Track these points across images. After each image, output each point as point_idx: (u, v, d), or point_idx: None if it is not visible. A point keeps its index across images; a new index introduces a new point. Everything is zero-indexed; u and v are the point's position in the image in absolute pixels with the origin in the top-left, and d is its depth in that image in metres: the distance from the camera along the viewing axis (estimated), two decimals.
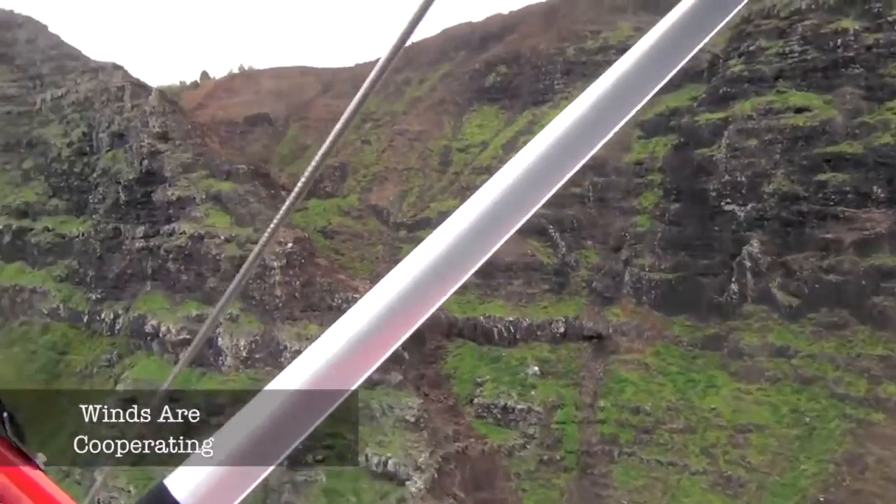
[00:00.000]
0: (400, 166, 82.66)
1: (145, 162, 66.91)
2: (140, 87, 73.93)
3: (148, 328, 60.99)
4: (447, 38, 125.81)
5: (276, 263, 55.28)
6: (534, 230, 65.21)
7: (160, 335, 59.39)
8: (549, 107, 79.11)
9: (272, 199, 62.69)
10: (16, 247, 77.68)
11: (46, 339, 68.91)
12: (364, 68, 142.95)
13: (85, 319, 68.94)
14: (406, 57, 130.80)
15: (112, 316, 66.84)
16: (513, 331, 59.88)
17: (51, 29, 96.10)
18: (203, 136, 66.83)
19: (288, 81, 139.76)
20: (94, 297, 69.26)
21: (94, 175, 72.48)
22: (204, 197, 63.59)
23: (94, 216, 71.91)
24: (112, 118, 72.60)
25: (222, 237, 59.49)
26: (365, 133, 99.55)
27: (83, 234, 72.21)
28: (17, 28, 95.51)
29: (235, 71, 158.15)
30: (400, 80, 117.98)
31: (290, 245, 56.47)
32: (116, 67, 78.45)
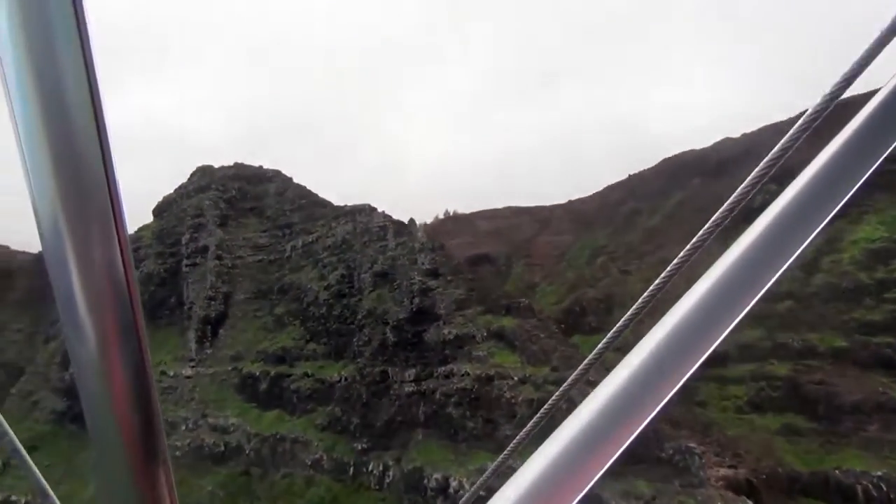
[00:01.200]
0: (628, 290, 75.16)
1: (416, 300, 64.19)
2: (402, 226, 73.18)
3: (431, 483, 55.30)
4: (671, 166, 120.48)
5: None
6: (878, 362, 54.55)
7: (449, 491, 53.36)
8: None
9: (563, 334, 56.92)
10: (273, 394, 76.74)
11: (311, 492, 65.18)
12: (579, 204, 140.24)
13: (350, 472, 64.78)
14: (625, 188, 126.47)
15: (381, 468, 62.19)
16: (884, 489, 48.17)
17: (296, 180, 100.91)
18: (475, 270, 63.36)
19: (502, 221, 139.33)
20: (359, 446, 65.33)
21: (358, 317, 70.83)
22: (485, 334, 59.07)
23: (357, 360, 69.54)
24: (375, 258, 71.77)
25: (515, 378, 53.90)
26: (597, 268, 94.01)
27: (345, 379, 69.76)
28: (268, 182, 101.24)
29: (441, 216, 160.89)
30: (627, 211, 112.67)
31: None
32: (372, 209, 78.88)
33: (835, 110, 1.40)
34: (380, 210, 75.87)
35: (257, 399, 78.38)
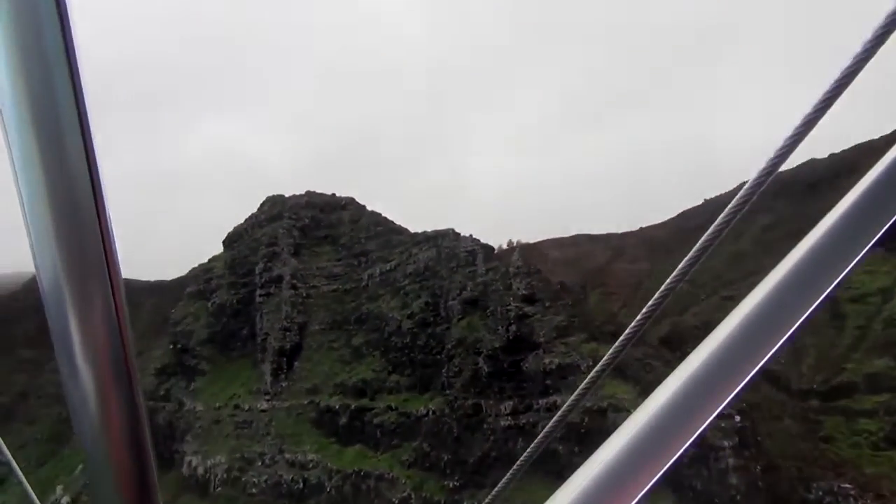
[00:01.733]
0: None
1: (512, 327, 60.36)
2: (490, 250, 69.77)
3: None
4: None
5: (725, 442, 43.64)
6: None
7: None
8: None
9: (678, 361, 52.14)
10: (354, 428, 73.29)
11: None
12: (652, 231, 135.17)
13: None
14: (702, 213, 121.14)
15: None
16: None
17: (370, 207, 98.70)
18: (576, 295, 59.41)
19: (573, 249, 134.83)
20: (450, 484, 61.24)
21: (447, 346, 67.24)
22: (591, 363, 54.72)
23: (446, 392, 65.76)
24: (463, 284, 68.37)
25: (632, 409, 49.25)
26: (685, 295, 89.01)
27: (433, 413, 65.95)
28: (341, 210, 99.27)
29: (505, 245, 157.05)
30: None
31: (737, 419, 44.90)
32: (456, 234, 75.75)
33: None
34: (467, 235, 72.61)
35: (336, 434, 75.06)
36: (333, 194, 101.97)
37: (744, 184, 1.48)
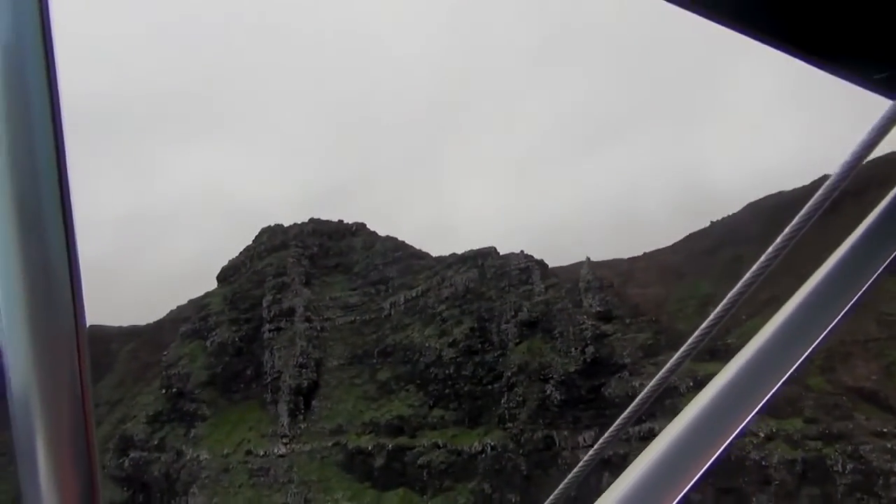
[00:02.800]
0: (858, 337, 65.52)
1: (589, 349, 54.49)
2: (545, 267, 64.17)
3: None
4: (761, 210, 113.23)
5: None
6: None
7: None
8: None
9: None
10: (393, 470, 65.86)
11: None
12: (659, 255, 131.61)
13: None
14: (711, 236, 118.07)
15: None
16: None
17: (381, 233, 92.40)
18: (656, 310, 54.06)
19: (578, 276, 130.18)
20: None
21: (505, 374, 60.84)
22: (691, 384, 49.20)
23: (505, 425, 59.17)
24: (518, 305, 62.34)
25: (761, 434, 43.77)
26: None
27: (492, 448, 59.15)
28: (352, 236, 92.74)
29: None
30: (726, 258, 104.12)
31: None
32: (498, 252, 70.07)
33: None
34: (518, 251, 66.82)
35: (371, 477, 67.46)
36: (340, 220, 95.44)
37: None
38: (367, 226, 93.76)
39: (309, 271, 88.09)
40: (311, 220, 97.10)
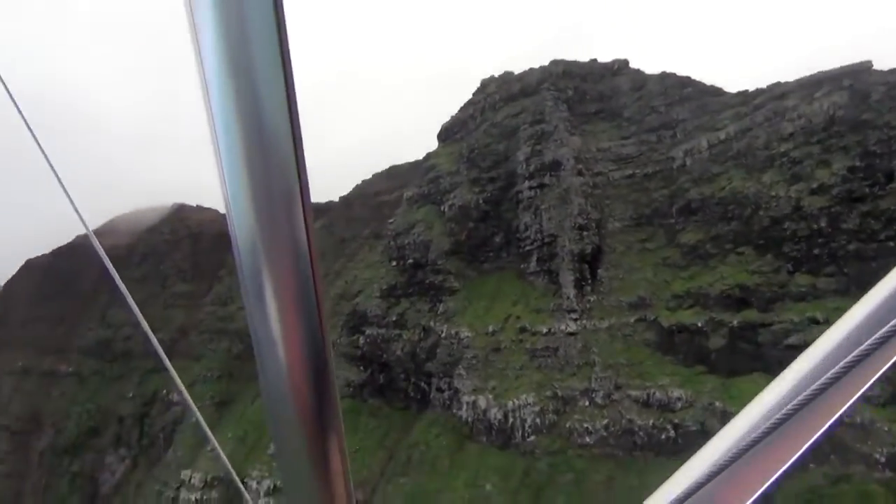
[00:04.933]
0: None
1: None
2: None
3: None
4: None
5: None
6: None
7: None
8: None
9: None
10: (742, 352, 51.83)
11: None
12: None
13: None
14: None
15: None
16: None
17: (649, 70, 75.22)
18: None
19: None
20: None
21: None
22: None
23: None
24: None
25: None
26: None
27: None
28: (612, 76, 76.21)
29: None
30: None
31: None
32: (870, 66, 51.86)
33: None
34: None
35: (705, 360, 53.79)
36: (594, 60, 78.73)
37: None
38: (629, 63, 76.72)
39: (567, 119, 72.98)
40: (555, 61, 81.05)
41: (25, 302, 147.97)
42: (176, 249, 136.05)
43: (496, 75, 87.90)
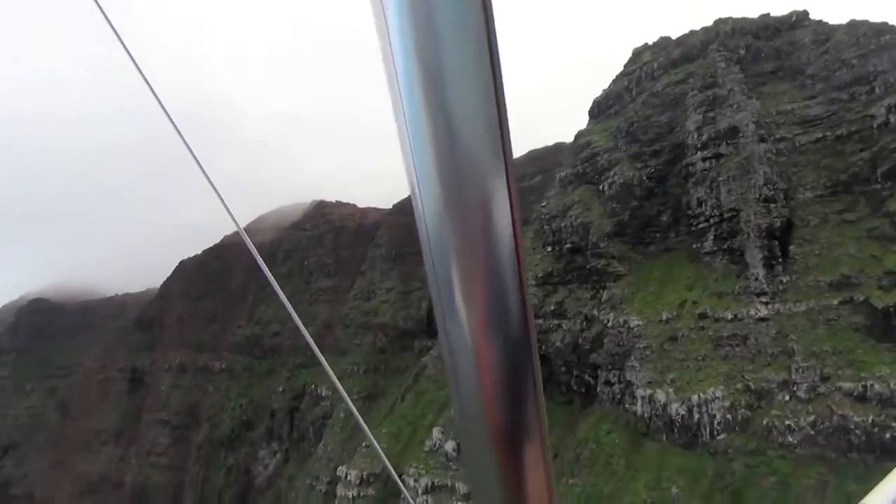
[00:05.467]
0: None
1: None
2: None
3: None
4: None
5: None
6: None
7: None
8: None
9: None
10: None
11: None
12: None
13: None
14: None
15: None
16: None
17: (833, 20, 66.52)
18: None
19: None
20: None
21: None
22: None
23: None
24: None
25: None
26: None
27: None
28: (790, 30, 68.01)
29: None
30: None
31: None
32: None
33: None
34: None
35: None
36: (767, 14, 70.81)
37: None
38: (810, 14, 68.32)
39: (742, 81, 65.73)
40: (720, 20, 73.70)
41: (180, 301, 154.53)
42: (319, 245, 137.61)
43: (650, 42, 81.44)
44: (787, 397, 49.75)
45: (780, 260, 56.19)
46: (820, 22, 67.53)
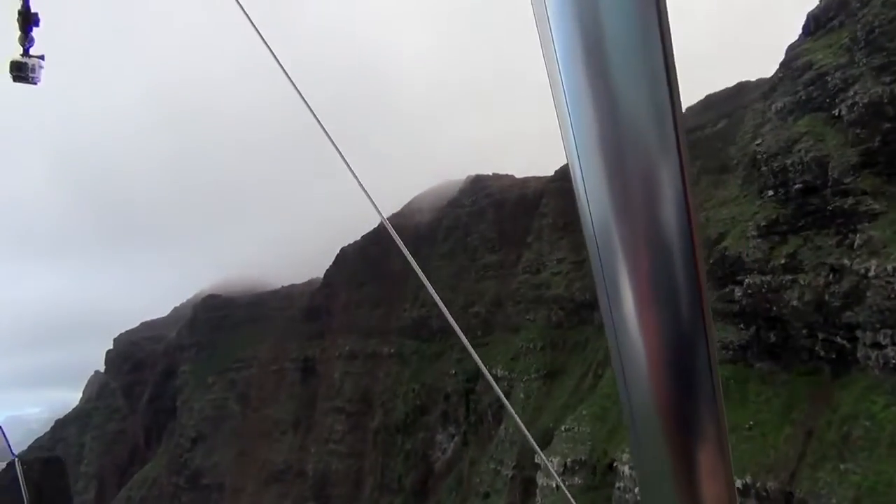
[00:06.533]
0: None
1: None
2: None
3: None
4: None
5: None
6: None
7: None
8: None
9: None
10: None
11: None
12: None
13: None
14: None
15: None
16: None
17: None
18: None
19: None
20: None
21: None
22: None
23: None
24: None
25: None
26: None
27: None
28: None
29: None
30: None
31: None
32: None
33: None
34: None
35: None
36: None
37: None
38: None
39: None
40: None
41: (344, 289, 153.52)
42: (480, 220, 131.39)
43: None
44: None
45: None
46: None
